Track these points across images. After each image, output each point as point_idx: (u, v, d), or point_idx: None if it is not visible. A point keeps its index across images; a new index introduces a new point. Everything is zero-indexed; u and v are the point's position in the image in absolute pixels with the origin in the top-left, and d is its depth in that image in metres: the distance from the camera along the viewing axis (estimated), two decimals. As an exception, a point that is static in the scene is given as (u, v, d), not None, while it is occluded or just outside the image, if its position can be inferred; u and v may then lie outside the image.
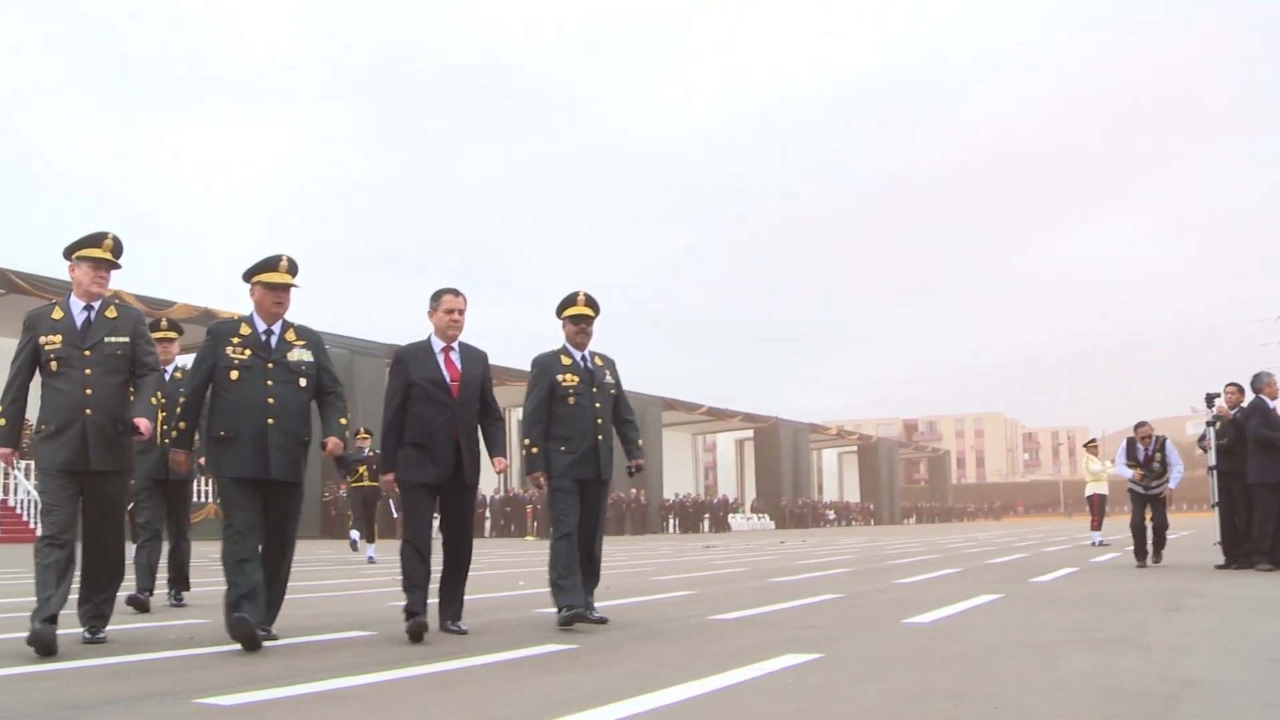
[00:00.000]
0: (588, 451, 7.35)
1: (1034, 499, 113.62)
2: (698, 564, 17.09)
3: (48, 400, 6.04)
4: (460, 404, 6.77)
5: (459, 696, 4.56)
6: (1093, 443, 22.82)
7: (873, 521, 72.66)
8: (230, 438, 6.21)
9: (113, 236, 6.26)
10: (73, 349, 6.05)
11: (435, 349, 6.85)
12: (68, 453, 5.96)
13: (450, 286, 6.97)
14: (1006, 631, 6.84)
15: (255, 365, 6.31)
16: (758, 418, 63.18)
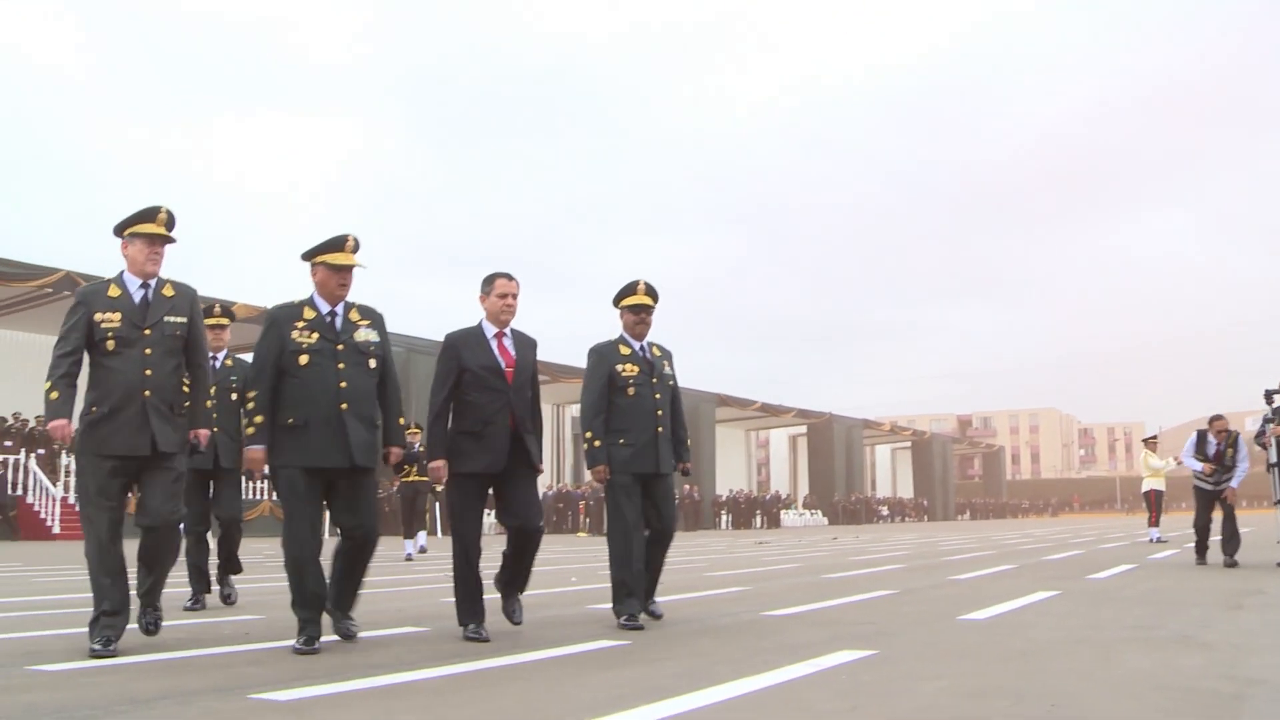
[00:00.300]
0: (648, 444, 7.15)
1: (1090, 495, 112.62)
2: (750, 560, 17.05)
3: (100, 381, 5.77)
4: (515, 390, 6.54)
5: (511, 692, 4.55)
6: (1153, 439, 22.54)
7: (926, 518, 72.28)
8: (301, 425, 5.94)
9: (166, 210, 5.97)
10: (132, 328, 5.80)
11: (488, 334, 6.62)
12: (124, 436, 5.70)
13: (503, 270, 6.72)
14: (1064, 629, 6.76)
15: (324, 349, 6.04)
16: (811, 414, 62.98)
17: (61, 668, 5.16)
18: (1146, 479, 21.83)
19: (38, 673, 5.01)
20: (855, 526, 54.38)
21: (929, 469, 77.41)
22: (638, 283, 7.41)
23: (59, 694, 4.47)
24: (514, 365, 6.58)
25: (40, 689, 4.59)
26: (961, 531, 37.95)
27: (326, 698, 4.37)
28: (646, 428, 7.17)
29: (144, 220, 5.93)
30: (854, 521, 61.21)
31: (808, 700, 4.32)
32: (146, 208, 5.94)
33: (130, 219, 5.95)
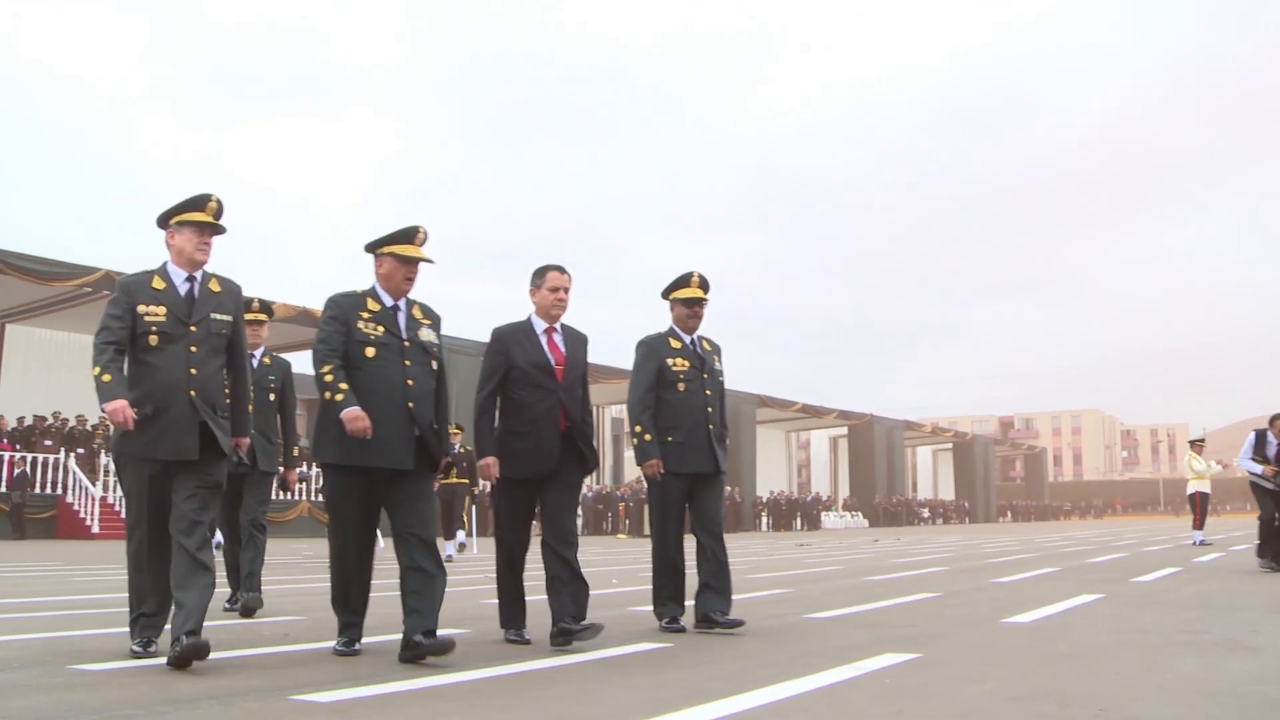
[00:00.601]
0: (699, 441, 6.91)
1: (1133, 497, 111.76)
2: (791, 562, 17.00)
3: (142, 378, 5.39)
4: (565, 388, 6.26)
5: (553, 695, 4.54)
6: (1199, 442, 22.32)
7: (968, 519, 71.93)
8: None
9: (216, 199, 5.60)
10: (177, 323, 5.45)
11: (537, 329, 6.33)
12: (169, 441, 5.35)
13: (555, 263, 6.43)
14: (1110, 632, 6.69)
15: (391, 343, 5.71)
16: (852, 415, 62.79)
17: (103, 667, 5.18)
18: (1192, 481, 21.63)
19: (80, 672, 5.03)
20: (896, 528, 54.20)
21: (970, 471, 77.00)
22: (691, 274, 7.13)
23: (101, 693, 4.48)
24: (564, 362, 6.31)
25: (82, 688, 4.60)
26: (1003, 533, 37.75)
27: (368, 699, 4.36)
28: (697, 425, 6.94)
29: (193, 208, 5.58)
30: (895, 523, 60.98)
31: (852, 704, 4.28)
32: (195, 195, 5.60)
33: (178, 207, 5.60)
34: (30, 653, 5.70)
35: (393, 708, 4.24)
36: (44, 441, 28.04)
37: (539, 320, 6.36)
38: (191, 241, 5.55)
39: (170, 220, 5.60)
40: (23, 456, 25.63)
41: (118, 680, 4.83)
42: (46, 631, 6.63)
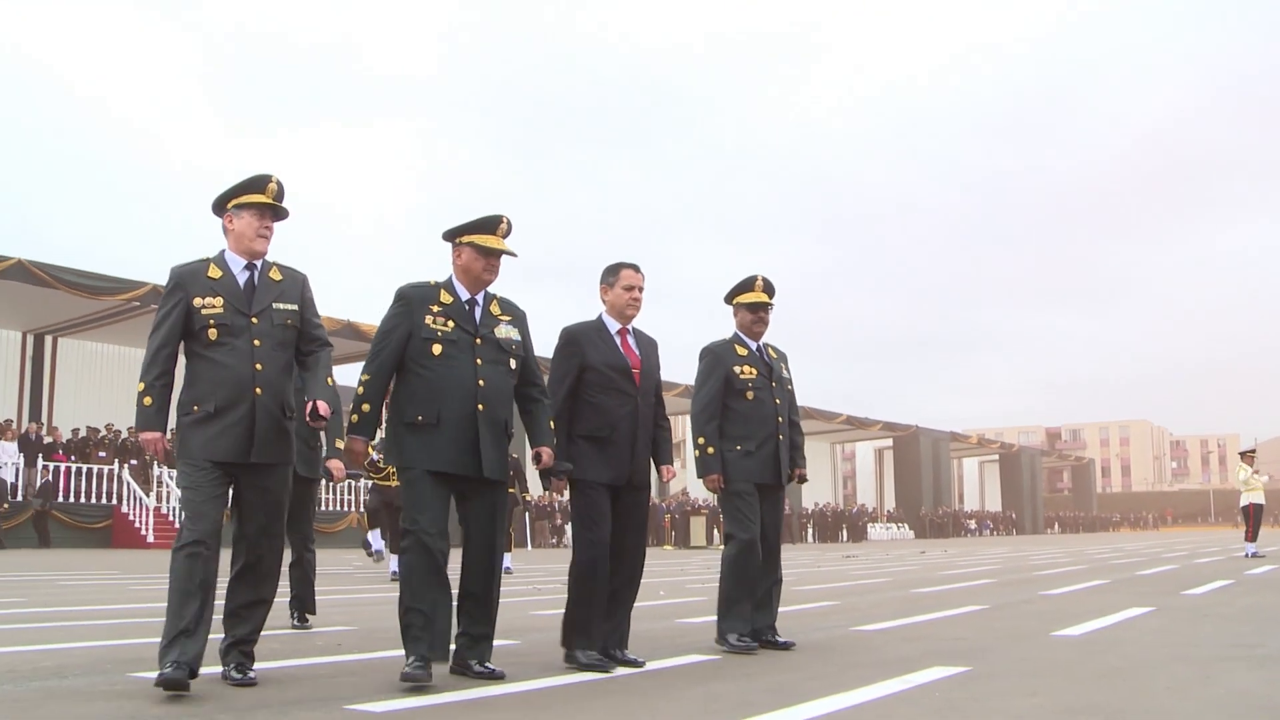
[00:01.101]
0: (769, 452, 6.66)
1: (1182, 509, 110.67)
2: (838, 574, 16.95)
3: (202, 375, 4.98)
4: (643, 394, 5.95)
5: (601, 707, 4.55)
6: (1250, 452, 22.09)
7: (1014, 531, 71.42)
8: (430, 424, 5.19)
9: (276, 179, 5.16)
10: (238, 315, 5.01)
11: (611, 330, 6.02)
12: (229, 441, 4.94)
13: (629, 260, 6.10)
14: (1161, 646, 6.64)
15: (461, 340, 5.29)
16: (897, 426, 62.56)
17: (159, 676, 5.24)
18: (1245, 492, 21.41)
19: (138, 680, 5.09)
20: (943, 540, 53.88)
21: (1017, 482, 76.50)
22: (755, 278, 6.87)
23: (158, 701, 4.53)
24: (640, 367, 5.99)
25: (140, 697, 4.65)
26: (1051, 545, 37.47)
27: (421, 709, 4.39)
28: (767, 434, 6.68)
29: (252, 190, 5.13)
30: (941, 535, 60.65)
31: (901, 717, 4.28)
32: (254, 176, 5.15)
33: (235, 189, 5.16)
34: (89, 660, 5.79)
35: (444, 718, 4.27)
36: (98, 453, 28.39)
37: (611, 320, 6.05)
38: (251, 226, 5.11)
39: (227, 204, 5.17)
40: (44, 466, 25.87)
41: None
42: (104, 639, 6.73)
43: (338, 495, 31.65)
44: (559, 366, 5.91)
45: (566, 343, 5.96)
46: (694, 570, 17.60)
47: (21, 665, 5.56)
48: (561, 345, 5.97)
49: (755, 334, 6.86)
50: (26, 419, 30.48)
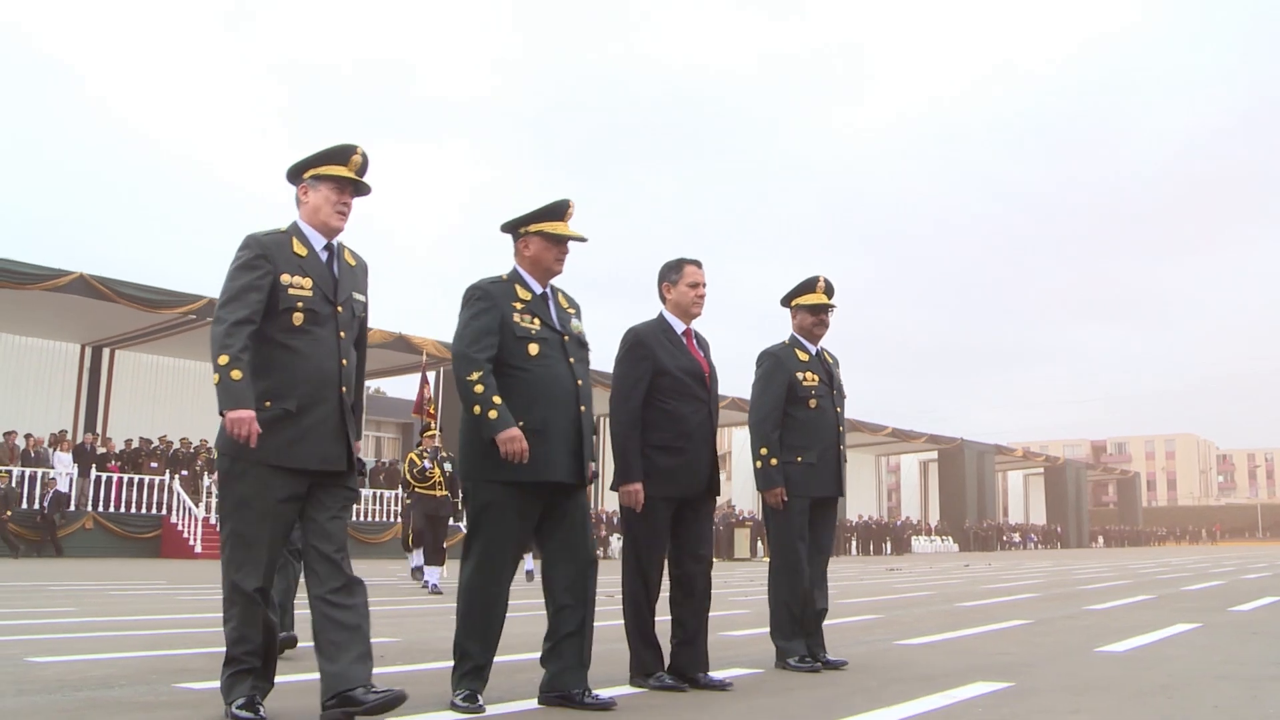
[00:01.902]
0: (830, 463, 6.39)
1: (1229, 523, 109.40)
2: (882, 587, 16.88)
3: (281, 366, 4.32)
4: (714, 399, 5.70)
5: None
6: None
7: (1059, 545, 70.87)
8: (538, 430, 4.75)
9: (362, 152, 4.60)
10: (324, 302, 4.44)
11: (676, 330, 5.69)
12: (315, 444, 4.33)
13: (690, 256, 5.80)
14: (1208, 663, 6.58)
15: (551, 339, 4.91)
16: (942, 439, 62.23)
17: (206, 686, 5.26)
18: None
19: (185, 690, 5.15)
20: (987, 553, 53.54)
21: (1062, 495, 75.91)
22: (817, 278, 6.56)
23: (204, 711, 4.57)
24: (709, 371, 5.73)
25: (186, 706, 4.70)
26: (1096, 559, 37.15)
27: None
28: (829, 444, 6.40)
29: (334, 161, 4.57)
30: (985, 548, 60.26)
31: (944, 733, 4.27)
32: (337, 145, 4.58)
33: (316, 157, 4.59)
34: (135, 670, 5.84)
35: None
36: (150, 464, 28.67)
37: (675, 320, 5.72)
38: (329, 200, 4.52)
39: (304, 173, 4.58)
40: (52, 477, 26.08)
41: (218, 700, 4.91)
42: (151, 650, 6.78)
43: (383, 507, 31.76)
44: (629, 371, 5.51)
45: (634, 345, 5.58)
46: (737, 583, 17.56)
47: (70, 675, 5.62)
48: (629, 348, 5.58)
49: (815, 337, 6.58)
50: (82, 430, 30.86)
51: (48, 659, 6.29)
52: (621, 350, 5.54)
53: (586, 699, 4.72)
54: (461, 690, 4.64)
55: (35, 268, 25.42)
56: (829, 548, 6.56)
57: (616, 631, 5.70)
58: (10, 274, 24.95)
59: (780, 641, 6.23)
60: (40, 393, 31.74)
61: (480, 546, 4.77)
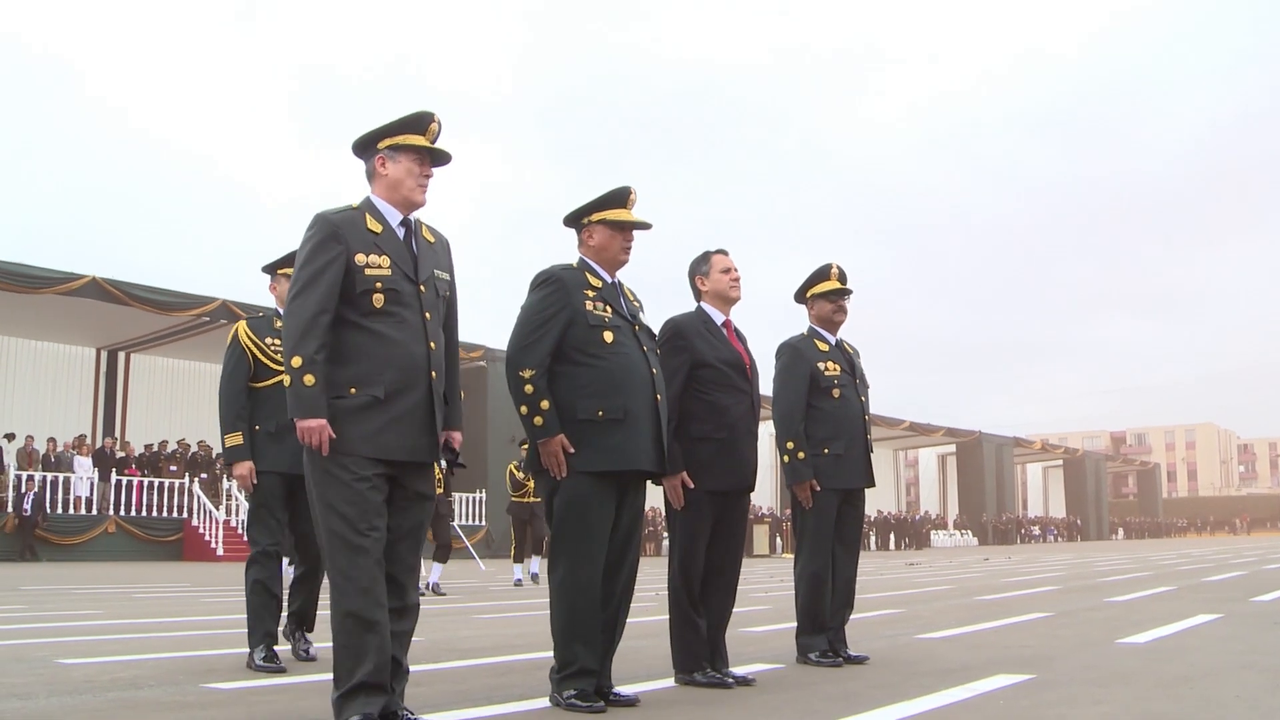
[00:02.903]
0: (857, 454, 6.33)
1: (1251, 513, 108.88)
2: (901, 581, 16.89)
3: (365, 352, 4.05)
4: (756, 390, 5.62)
5: (664, 716, 4.56)
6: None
7: (1079, 537, 70.69)
8: (619, 418, 4.65)
9: (439, 120, 4.30)
10: (406, 281, 4.16)
11: (716, 321, 5.62)
12: (405, 434, 4.06)
13: (714, 247, 5.80)
14: (1229, 653, 6.58)
15: (624, 326, 4.80)
16: (960, 432, 62.10)
17: (233, 686, 5.34)
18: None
19: (212, 690, 5.20)
20: (1006, 547, 53.46)
21: (1081, 487, 75.68)
22: (830, 265, 6.48)
23: (230, 711, 4.63)
24: (750, 362, 5.64)
25: (213, 706, 4.76)
26: (1116, 551, 37.08)
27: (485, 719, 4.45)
28: (855, 435, 6.34)
29: (412, 130, 4.27)
30: (1005, 541, 60.15)
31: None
32: (415, 113, 4.28)
33: (392, 126, 4.27)
34: (162, 671, 5.89)
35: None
36: (169, 467, 28.80)
37: (714, 311, 5.67)
38: (411, 173, 4.24)
39: (378, 143, 4.29)
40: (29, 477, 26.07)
41: (246, 699, 4.99)
42: (177, 651, 6.84)
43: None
44: (667, 362, 5.29)
45: (673, 335, 5.49)
46: (757, 579, 17.58)
47: (99, 676, 5.68)
48: (668, 338, 5.47)
49: (836, 324, 6.51)
50: (100, 434, 31.00)
51: (77, 660, 6.36)
52: (659, 340, 5.34)
53: (610, 695, 4.69)
54: (569, 689, 4.57)
55: (47, 271, 25.56)
56: (857, 543, 6.50)
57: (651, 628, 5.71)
58: (22, 278, 25.07)
59: (802, 637, 6.22)
60: (58, 397, 31.93)
61: (571, 544, 4.63)
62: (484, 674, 5.85)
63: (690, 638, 5.36)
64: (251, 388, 6.33)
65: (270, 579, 6.17)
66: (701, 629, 5.37)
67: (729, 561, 5.54)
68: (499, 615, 10.38)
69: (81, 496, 26.29)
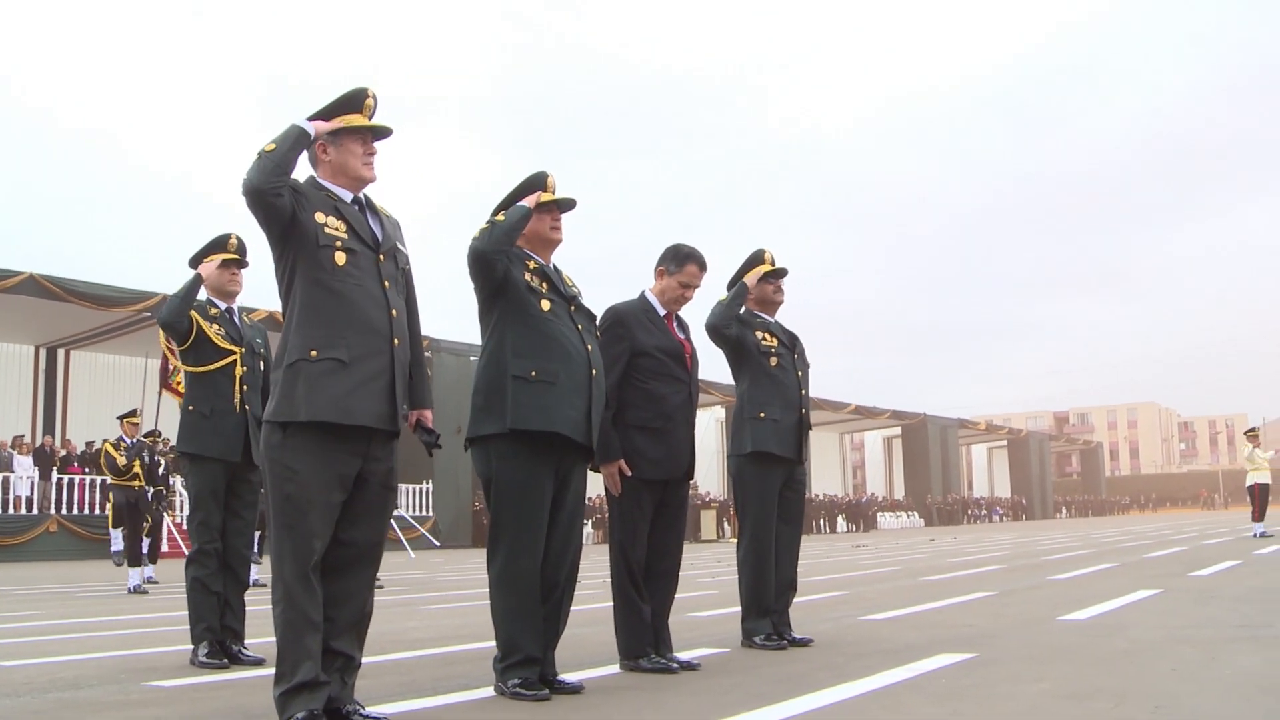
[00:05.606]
0: (793, 425, 6.29)
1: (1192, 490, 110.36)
2: (848, 564, 17.00)
3: (329, 311, 3.90)
4: (694, 381, 5.66)
5: (615, 703, 4.57)
6: (1253, 431, 22.11)
7: (1024, 516, 71.39)
8: (549, 382, 4.64)
9: (373, 94, 4.14)
10: (365, 248, 4.03)
11: (659, 312, 5.65)
12: (371, 400, 3.89)
13: (698, 253, 5.74)
14: (1167, 628, 6.67)
15: (560, 303, 4.82)
16: (905, 415, 62.52)
17: (174, 684, 5.30)
18: (1251, 472, 21.42)
19: (154, 688, 5.16)
20: (952, 527, 53.90)
21: (1026, 468, 76.40)
22: (762, 250, 6.48)
23: (173, 709, 4.60)
24: (690, 353, 5.69)
25: (156, 704, 4.72)
26: (1060, 530, 37.48)
27: (431, 710, 4.43)
28: (791, 406, 6.30)
29: (349, 109, 4.10)
30: (950, 522, 60.65)
31: (907, 705, 4.32)
32: (348, 93, 4.11)
33: (334, 105, 4.10)
34: (104, 671, 5.83)
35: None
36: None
37: (657, 304, 5.68)
38: (355, 154, 4.11)
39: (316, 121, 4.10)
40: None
41: (188, 696, 4.95)
42: (119, 650, 6.78)
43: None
44: (607, 350, 5.26)
45: (614, 323, 5.48)
46: (705, 564, 17.64)
47: (39, 677, 5.62)
48: (609, 326, 5.44)
49: (775, 304, 6.55)
50: (40, 432, 30.57)
51: (16, 662, 6.28)
52: (600, 327, 5.32)
53: (554, 683, 4.71)
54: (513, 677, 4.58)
55: (-19, 269, 25.13)
56: (800, 525, 6.52)
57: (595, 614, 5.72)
58: (-44, 277, 24.62)
59: (746, 621, 6.23)
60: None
61: (510, 533, 4.64)
62: (431, 665, 5.84)
63: (634, 624, 5.36)
64: (192, 371, 6.30)
65: (209, 576, 6.10)
66: (645, 615, 5.38)
67: (671, 548, 5.57)
68: (445, 606, 10.36)
69: (22, 496, 25.93)
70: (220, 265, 6.45)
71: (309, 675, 3.75)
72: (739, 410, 6.40)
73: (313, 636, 3.79)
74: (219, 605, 6.10)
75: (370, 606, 4.08)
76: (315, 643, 3.80)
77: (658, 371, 5.48)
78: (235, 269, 6.52)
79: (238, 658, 6.04)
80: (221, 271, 6.45)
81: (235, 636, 6.16)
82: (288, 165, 3.86)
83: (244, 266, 6.56)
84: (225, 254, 6.48)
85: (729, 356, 6.44)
